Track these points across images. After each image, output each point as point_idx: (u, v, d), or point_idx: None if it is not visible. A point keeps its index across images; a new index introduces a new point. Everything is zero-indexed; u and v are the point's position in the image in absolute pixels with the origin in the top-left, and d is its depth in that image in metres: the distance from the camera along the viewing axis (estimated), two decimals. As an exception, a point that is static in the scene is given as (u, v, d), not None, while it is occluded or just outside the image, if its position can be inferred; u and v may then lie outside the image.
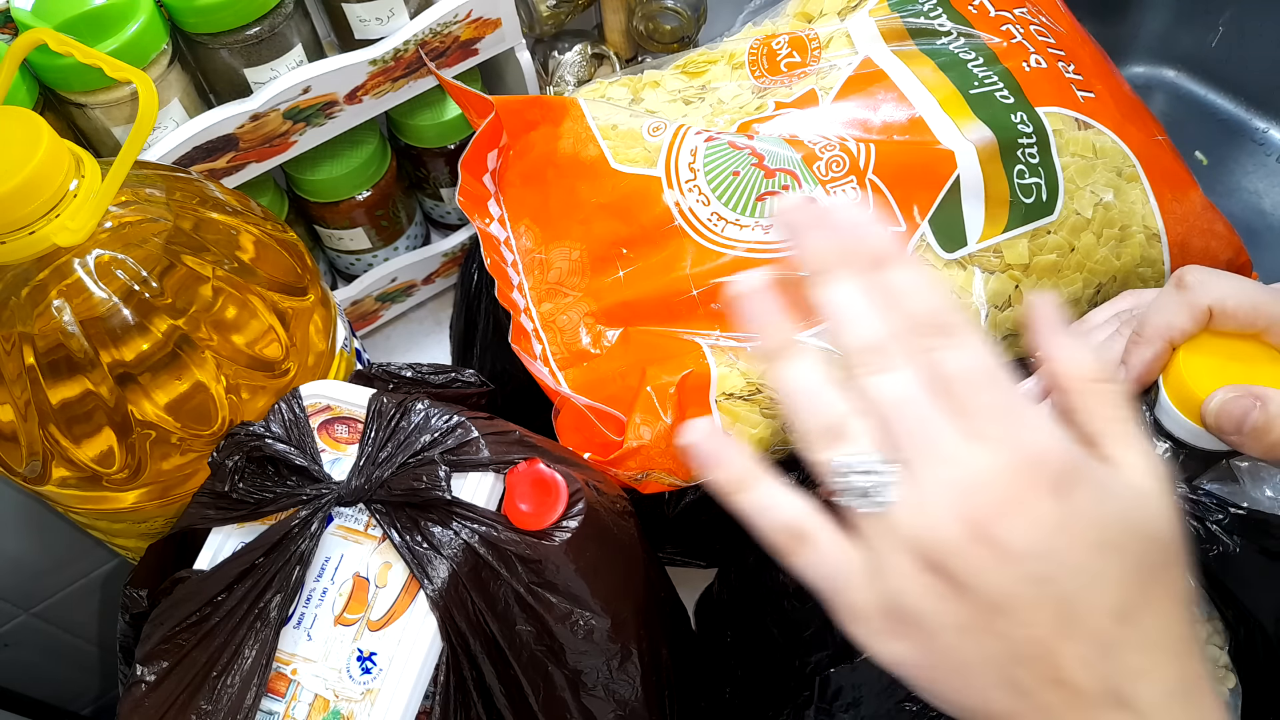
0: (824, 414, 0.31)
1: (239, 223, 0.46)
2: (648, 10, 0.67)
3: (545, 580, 0.39)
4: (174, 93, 0.52)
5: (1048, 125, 0.52)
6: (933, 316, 0.31)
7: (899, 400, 0.30)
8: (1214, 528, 0.35)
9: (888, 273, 0.32)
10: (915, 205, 0.50)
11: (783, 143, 0.52)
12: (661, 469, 0.47)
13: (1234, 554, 0.35)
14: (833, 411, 0.31)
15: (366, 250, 0.67)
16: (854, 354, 0.31)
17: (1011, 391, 0.30)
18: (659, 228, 0.51)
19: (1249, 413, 0.34)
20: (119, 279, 0.41)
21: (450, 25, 0.56)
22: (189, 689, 0.37)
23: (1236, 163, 0.84)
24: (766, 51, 0.57)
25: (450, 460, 0.39)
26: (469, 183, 0.54)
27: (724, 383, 0.48)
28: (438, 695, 0.38)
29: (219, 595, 0.39)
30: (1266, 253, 0.78)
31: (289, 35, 0.53)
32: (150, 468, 0.44)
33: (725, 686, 0.51)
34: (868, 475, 0.30)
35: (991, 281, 0.50)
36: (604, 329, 0.51)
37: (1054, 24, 0.57)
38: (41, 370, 0.41)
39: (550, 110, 0.55)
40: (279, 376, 0.46)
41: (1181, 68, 0.88)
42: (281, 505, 0.40)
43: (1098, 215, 0.52)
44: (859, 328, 0.32)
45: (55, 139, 0.38)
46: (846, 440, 0.30)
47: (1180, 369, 0.36)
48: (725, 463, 0.33)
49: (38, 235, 0.38)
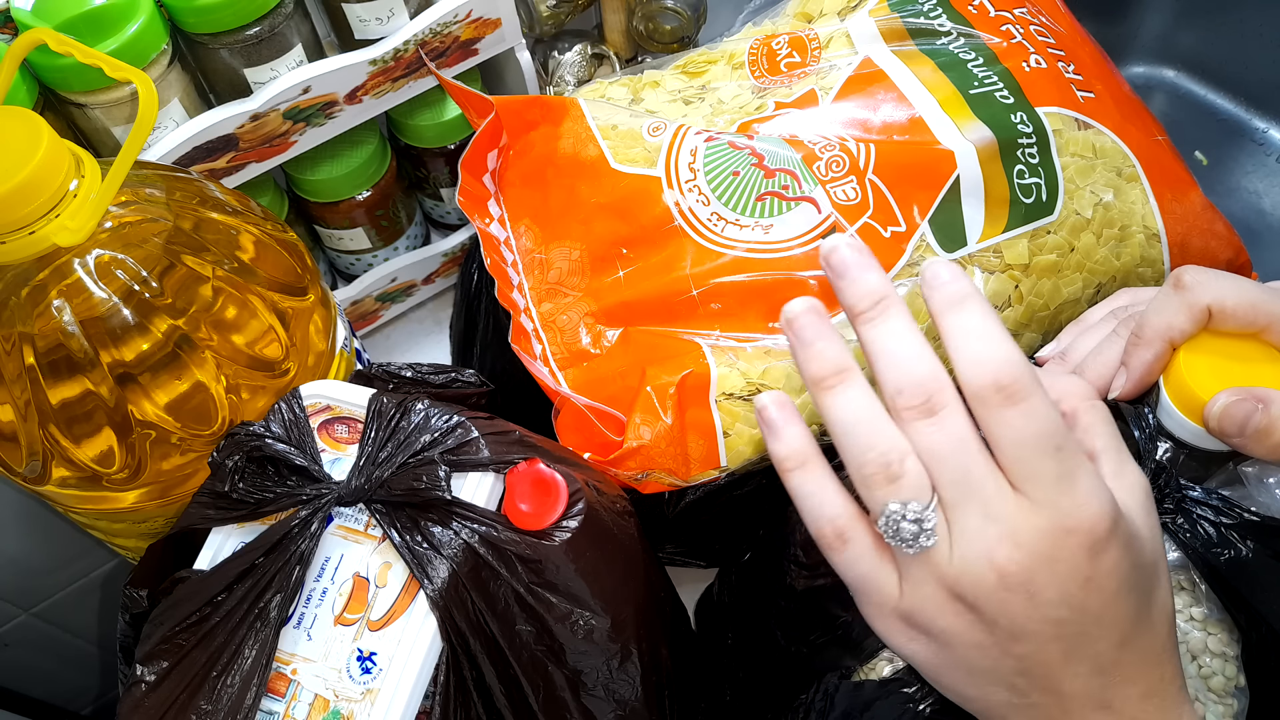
0: (881, 451, 0.31)
1: (239, 223, 0.46)
2: (648, 10, 0.67)
3: (545, 580, 0.39)
4: (174, 93, 0.52)
5: (1048, 125, 0.52)
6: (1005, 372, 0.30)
7: (952, 447, 0.30)
8: (1226, 532, 0.35)
9: (949, 316, 0.31)
10: (915, 205, 0.50)
11: (783, 143, 0.52)
12: (661, 469, 0.47)
13: (1246, 559, 0.35)
14: (890, 449, 0.31)
15: (366, 250, 0.67)
16: (909, 392, 0.31)
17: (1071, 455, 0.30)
18: (659, 228, 0.51)
19: (1251, 415, 0.34)
20: (119, 279, 0.41)
21: (450, 25, 0.56)
22: (189, 689, 0.37)
23: (1236, 163, 0.84)
24: (766, 51, 0.57)
25: (450, 460, 0.39)
26: (469, 183, 0.54)
27: (724, 383, 0.48)
28: (438, 695, 0.38)
29: (219, 595, 0.39)
30: (1266, 253, 0.78)
31: (289, 35, 0.53)
32: (150, 468, 0.44)
33: (725, 688, 0.51)
34: (917, 524, 0.30)
35: (991, 281, 0.50)
36: (604, 329, 0.51)
37: (1054, 24, 0.57)
38: (41, 370, 0.41)
39: (550, 110, 0.55)
40: (279, 376, 0.46)
41: (1181, 68, 0.88)
42: (281, 505, 0.40)
43: (1098, 215, 0.52)
44: (917, 366, 0.31)
45: (55, 139, 0.38)
46: (900, 483, 0.30)
47: (1181, 370, 0.36)
48: (786, 436, 0.33)
49: (38, 235, 0.38)
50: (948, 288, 0.31)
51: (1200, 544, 0.35)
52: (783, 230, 0.50)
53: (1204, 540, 0.35)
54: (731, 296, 0.50)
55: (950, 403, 0.30)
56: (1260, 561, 0.35)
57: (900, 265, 0.49)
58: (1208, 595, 0.37)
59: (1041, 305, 0.51)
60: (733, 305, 0.50)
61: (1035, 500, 0.30)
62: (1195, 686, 0.37)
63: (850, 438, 0.31)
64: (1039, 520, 0.30)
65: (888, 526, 0.31)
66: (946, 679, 0.33)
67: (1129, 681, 0.31)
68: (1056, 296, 0.52)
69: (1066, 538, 0.29)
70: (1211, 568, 0.35)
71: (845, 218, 0.50)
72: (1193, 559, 0.36)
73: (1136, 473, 0.32)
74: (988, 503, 0.30)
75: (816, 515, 0.33)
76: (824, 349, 0.32)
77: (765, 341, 0.49)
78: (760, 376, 0.48)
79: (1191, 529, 0.36)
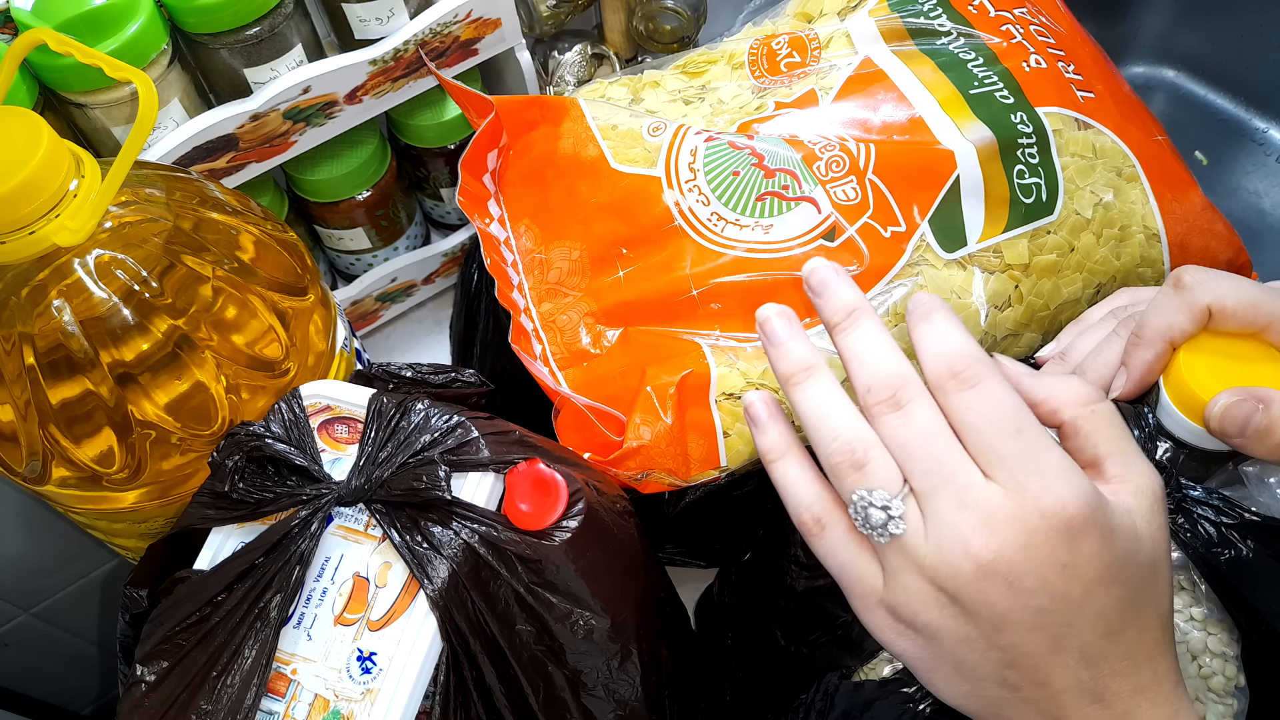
0: (845, 440, 0.32)
1: (239, 223, 0.46)
2: (648, 10, 0.67)
3: (545, 580, 0.39)
4: (174, 93, 0.52)
5: (1048, 125, 0.52)
6: (959, 359, 0.32)
7: (921, 437, 0.31)
8: (1227, 532, 0.35)
9: (923, 324, 0.33)
10: (915, 205, 0.50)
11: (783, 143, 0.52)
12: (661, 469, 0.47)
13: (1246, 559, 0.35)
14: (854, 438, 0.32)
15: (366, 250, 0.67)
16: (876, 389, 0.32)
17: (1034, 438, 0.31)
18: (659, 228, 0.51)
19: (1252, 416, 0.34)
20: (119, 279, 0.41)
21: (450, 25, 0.56)
22: (189, 689, 0.37)
23: (1236, 163, 0.84)
24: (766, 51, 0.57)
25: (450, 460, 0.39)
26: (469, 183, 0.54)
27: (724, 382, 0.48)
28: (438, 695, 0.38)
29: (219, 595, 0.39)
30: (1266, 253, 0.78)
31: (289, 35, 0.53)
32: (150, 468, 0.44)
33: (725, 688, 0.51)
34: (884, 511, 0.31)
35: (991, 281, 0.50)
36: (604, 329, 0.51)
37: (1054, 24, 0.57)
38: (41, 370, 0.41)
39: (550, 110, 0.55)
40: (279, 376, 0.46)
41: (1181, 68, 0.88)
42: (281, 505, 0.40)
43: (1097, 215, 0.52)
44: (883, 364, 0.33)
45: (55, 139, 0.38)
46: (866, 470, 0.32)
47: (1181, 370, 0.36)
48: (770, 430, 0.35)
49: (38, 235, 0.38)
50: (922, 306, 0.33)
51: (1201, 544, 0.35)
52: (783, 230, 0.50)
53: (1205, 540, 0.35)
54: (731, 296, 0.50)
55: (917, 396, 0.32)
56: (1261, 561, 0.35)
57: (900, 265, 0.49)
58: (1208, 595, 0.37)
59: (1041, 305, 0.51)
60: (733, 305, 0.50)
61: (1004, 485, 0.30)
62: (1195, 686, 0.37)
63: (818, 429, 0.33)
64: (1010, 506, 0.30)
65: (857, 513, 0.32)
66: (938, 677, 0.33)
67: (1119, 675, 0.31)
68: (1056, 296, 0.52)
69: (1040, 521, 0.30)
70: (1212, 567, 0.35)
71: (845, 218, 0.50)
72: (1193, 558, 0.36)
73: (1145, 474, 0.32)
74: (960, 491, 0.30)
75: (796, 503, 0.34)
76: (793, 348, 0.34)
77: (765, 341, 0.49)
78: (760, 376, 0.48)
79: (1192, 529, 0.36)
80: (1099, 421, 0.33)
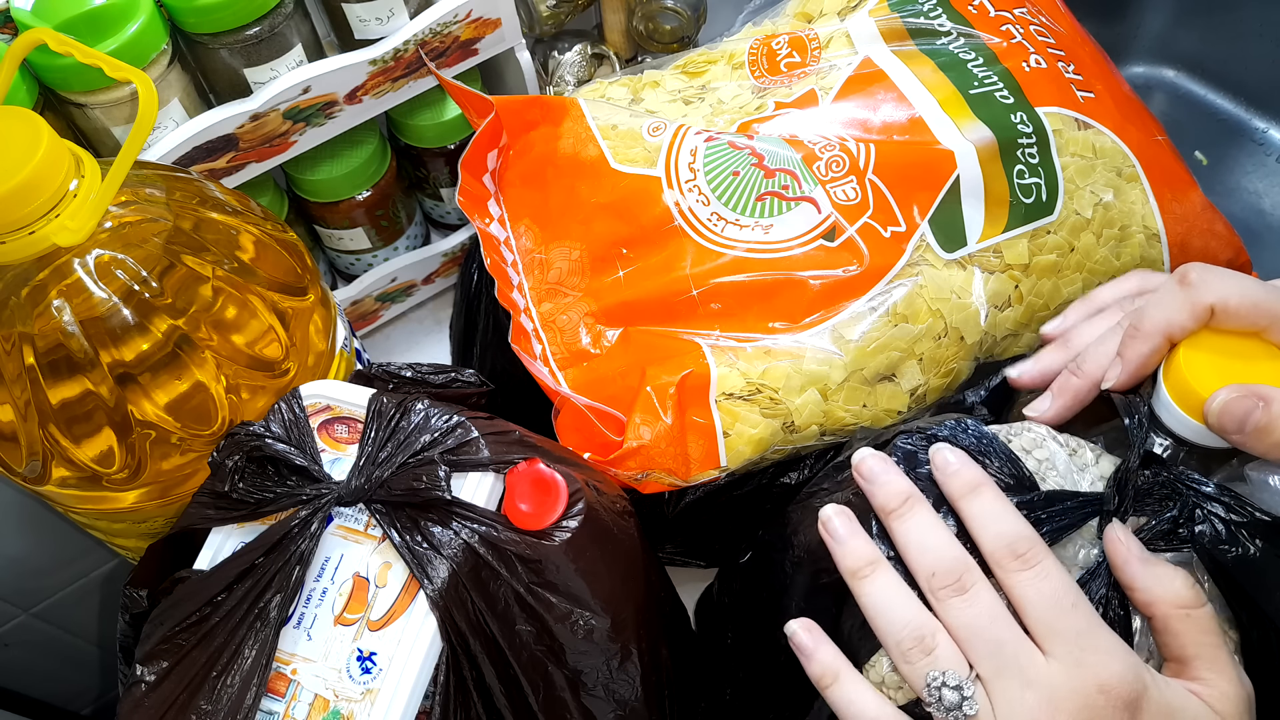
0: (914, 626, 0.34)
1: (239, 223, 0.46)
2: (648, 10, 0.67)
3: (545, 580, 0.39)
4: (174, 93, 0.52)
5: (1047, 125, 0.52)
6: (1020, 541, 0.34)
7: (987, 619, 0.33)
8: (1236, 529, 0.35)
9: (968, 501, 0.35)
10: (915, 205, 0.50)
11: (783, 143, 0.52)
12: (661, 469, 0.47)
13: (1253, 557, 0.35)
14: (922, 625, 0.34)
15: (366, 250, 0.67)
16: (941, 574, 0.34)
17: (1088, 616, 0.33)
18: (659, 228, 0.51)
19: (1251, 413, 0.34)
20: (119, 279, 0.41)
21: (450, 25, 0.56)
22: (189, 689, 0.37)
23: (1236, 163, 0.84)
24: (766, 51, 0.57)
25: (450, 460, 0.39)
26: (469, 183, 0.54)
27: (724, 383, 0.48)
28: (438, 695, 0.38)
29: (219, 595, 0.39)
30: (1266, 253, 0.78)
31: (289, 35, 0.53)
32: (150, 468, 0.44)
33: (725, 688, 0.50)
34: (958, 691, 0.33)
35: (991, 281, 0.50)
36: (604, 329, 0.51)
37: (1054, 24, 0.57)
38: (41, 370, 0.41)
39: (550, 110, 0.55)
40: (279, 376, 0.46)
41: (1181, 68, 0.88)
42: (281, 505, 0.40)
43: (1097, 215, 0.52)
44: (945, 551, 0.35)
45: (55, 139, 0.38)
46: (936, 654, 0.34)
47: (1181, 366, 0.36)
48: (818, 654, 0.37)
49: (38, 235, 0.38)
50: (960, 475, 0.36)
51: (1208, 540, 0.35)
52: (783, 230, 0.50)
53: (1212, 536, 0.35)
54: (731, 296, 0.50)
55: (979, 580, 0.34)
56: (1267, 560, 0.35)
57: (900, 265, 0.49)
58: (1210, 593, 0.37)
59: (1041, 305, 0.51)
60: (733, 305, 0.50)
61: (1062, 660, 0.32)
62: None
63: (885, 617, 0.35)
64: (1072, 681, 0.32)
65: (931, 694, 0.33)
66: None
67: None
68: (1056, 296, 0.52)
69: (1099, 695, 0.32)
70: (1218, 564, 0.35)
71: (845, 218, 0.50)
72: (1199, 554, 0.36)
73: (1234, 682, 0.33)
74: (1023, 670, 0.32)
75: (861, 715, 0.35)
76: (855, 545, 0.37)
77: (765, 341, 0.49)
78: (760, 376, 0.48)
79: (1200, 524, 0.36)
80: (1191, 625, 0.34)
